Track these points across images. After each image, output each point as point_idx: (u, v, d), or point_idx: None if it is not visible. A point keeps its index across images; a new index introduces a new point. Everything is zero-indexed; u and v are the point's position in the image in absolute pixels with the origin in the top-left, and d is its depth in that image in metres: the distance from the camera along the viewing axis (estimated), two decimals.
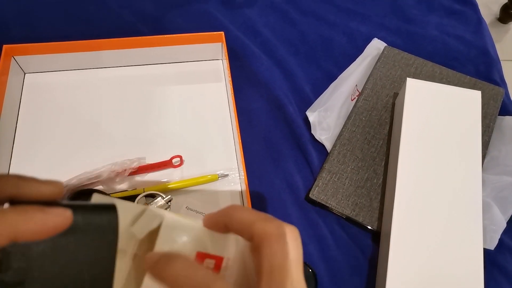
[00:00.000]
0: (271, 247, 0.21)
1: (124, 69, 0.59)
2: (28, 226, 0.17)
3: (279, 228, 0.22)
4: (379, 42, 0.65)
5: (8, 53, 0.53)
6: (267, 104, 0.58)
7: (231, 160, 0.53)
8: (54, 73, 0.58)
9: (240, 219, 0.23)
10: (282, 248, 0.21)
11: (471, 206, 0.46)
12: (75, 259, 0.20)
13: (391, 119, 0.57)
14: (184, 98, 0.57)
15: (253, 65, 0.61)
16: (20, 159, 0.51)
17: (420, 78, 0.59)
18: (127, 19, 0.64)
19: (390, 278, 0.42)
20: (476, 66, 0.65)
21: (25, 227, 0.17)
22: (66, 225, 0.18)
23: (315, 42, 0.66)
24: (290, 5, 0.69)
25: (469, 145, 0.49)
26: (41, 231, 0.18)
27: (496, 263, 0.49)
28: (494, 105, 0.58)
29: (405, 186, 0.47)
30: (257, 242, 0.22)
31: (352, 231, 0.51)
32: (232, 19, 0.66)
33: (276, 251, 0.21)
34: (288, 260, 0.21)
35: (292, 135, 0.56)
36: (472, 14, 0.72)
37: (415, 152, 0.49)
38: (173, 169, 0.52)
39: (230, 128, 0.55)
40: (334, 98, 0.59)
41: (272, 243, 0.21)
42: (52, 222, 0.18)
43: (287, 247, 0.21)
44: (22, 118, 0.54)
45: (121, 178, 0.49)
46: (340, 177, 0.52)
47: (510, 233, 0.51)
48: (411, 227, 0.45)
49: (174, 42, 0.57)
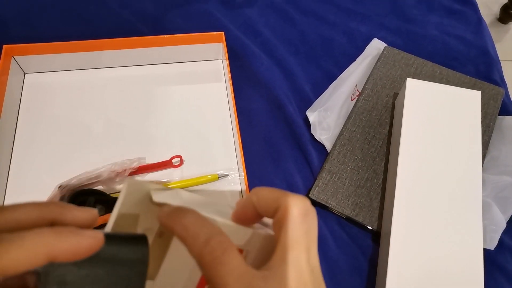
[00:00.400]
0: (294, 220, 0.22)
1: (124, 69, 0.59)
2: (64, 246, 0.18)
3: (303, 203, 0.23)
4: (379, 42, 0.65)
5: (8, 53, 0.53)
6: (267, 104, 0.58)
7: (231, 160, 0.53)
8: (54, 73, 0.58)
9: (267, 193, 0.24)
10: (304, 223, 0.22)
11: (471, 206, 0.46)
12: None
13: (391, 119, 0.57)
14: (184, 98, 0.57)
15: (253, 65, 0.61)
16: (20, 159, 0.51)
17: (420, 78, 0.59)
18: (127, 19, 0.64)
19: (390, 278, 0.42)
20: (476, 66, 0.65)
21: (61, 247, 0.18)
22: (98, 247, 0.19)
23: (315, 42, 0.66)
24: (290, 5, 0.69)
25: (469, 145, 0.49)
26: (75, 251, 0.18)
27: (496, 263, 0.49)
28: (494, 105, 0.58)
29: (405, 186, 0.47)
30: (282, 215, 0.22)
31: (352, 231, 0.51)
32: (232, 19, 0.66)
33: (299, 224, 0.22)
34: (308, 237, 0.22)
35: (292, 135, 0.56)
36: (472, 14, 0.72)
37: (415, 152, 0.49)
38: (173, 169, 0.52)
39: (230, 128, 0.55)
40: (334, 98, 0.59)
41: (296, 217, 0.22)
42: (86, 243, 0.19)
43: (308, 224, 0.22)
44: (22, 118, 0.54)
45: (121, 178, 0.49)
46: (340, 177, 0.52)
47: (510, 233, 0.51)
48: (411, 227, 0.45)
49: (174, 42, 0.57)
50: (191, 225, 0.21)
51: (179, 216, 0.22)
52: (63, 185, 0.47)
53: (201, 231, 0.21)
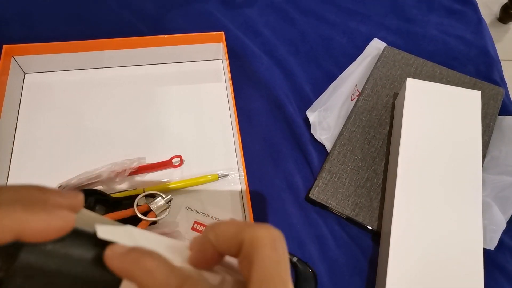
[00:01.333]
0: (264, 252, 0.19)
1: (124, 69, 0.59)
2: (32, 223, 0.17)
3: (270, 232, 0.20)
4: (379, 42, 0.65)
5: (8, 53, 0.53)
6: (267, 104, 0.58)
7: (231, 160, 0.53)
8: (54, 73, 0.58)
9: (226, 229, 0.21)
10: (275, 253, 0.20)
11: (471, 206, 0.46)
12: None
13: (391, 119, 0.57)
14: (184, 98, 0.57)
15: (253, 65, 0.61)
16: (20, 159, 0.51)
17: (420, 78, 0.59)
18: (127, 19, 0.64)
19: (390, 278, 0.42)
20: (476, 66, 0.65)
21: (29, 223, 0.17)
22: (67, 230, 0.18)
23: (315, 42, 0.65)
24: (290, 5, 0.69)
25: (469, 145, 0.49)
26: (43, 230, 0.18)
27: (496, 263, 0.49)
28: (494, 105, 0.58)
29: (405, 186, 0.47)
30: (248, 250, 0.20)
31: (352, 231, 0.51)
32: (232, 19, 0.66)
33: (270, 256, 0.19)
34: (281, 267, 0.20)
35: (292, 135, 0.56)
36: (472, 14, 0.72)
37: (415, 152, 0.49)
38: (173, 169, 0.52)
39: (230, 128, 0.55)
40: (334, 98, 0.59)
41: (265, 248, 0.20)
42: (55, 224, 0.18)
43: (278, 254, 0.20)
44: (22, 118, 0.54)
45: (121, 178, 0.49)
46: (340, 177, 0.52)
47: (510, 233, 0.51)
48: (411, 227, 0.45)
49: (174, 42, 0.57)
50: (157, 271, 0.18)
51: (140, 259, 0.19)
52: (63, 185, 0.47)
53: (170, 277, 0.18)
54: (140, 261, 0.19)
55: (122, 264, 0.19)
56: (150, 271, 0.18)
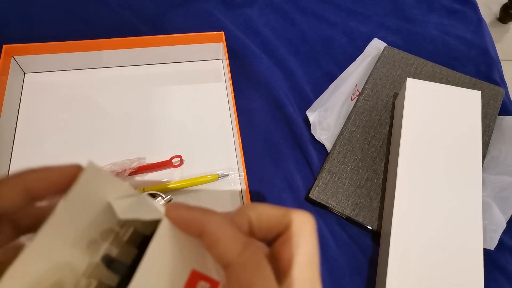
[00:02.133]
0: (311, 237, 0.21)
1: (124, 69, 0.59)
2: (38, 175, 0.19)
3: (312, 218, 0.22)
4: (379, 42, 0.65)
5: (8, 53, 0.53)
6: (267, 104, 0.58)
7: (231, 160, 0.53)
8: (54, 73, 0.58)
9: (270, 210, 0.22)
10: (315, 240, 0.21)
11: (471, 206, 0.46)
12: None
13: (391, 119, 0.57)
14: (184, 98, 0.57)
15: (253, 65, 0.61)
16: (20, 159, 0.51)
17: (420, 78, 0.59)
18: (127, 19, 0.64)
19: (390, 278, 0.42)
20: (476, 66, 0.65)
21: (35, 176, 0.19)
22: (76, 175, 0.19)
23: (315, 42, 0.65)
24: (290, 5, 0.69)
25: (469, 145, 0.49)
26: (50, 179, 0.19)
27: (496, 263, 0.49)
28: (494, 105, 0.58)
29: (405, 186, 0.47)
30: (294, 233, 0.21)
31: (352, 231, 0.51)
32: (232, 19, 0.66)
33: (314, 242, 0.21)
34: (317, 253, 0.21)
35: (292, 135, 0.56)
36: (472, 14, 0.72)
37: (415, 152, 0.49)
38: (173, 169, 0.52)
39: (230, 128, 0.55)
40: (334, 98, 0.59)
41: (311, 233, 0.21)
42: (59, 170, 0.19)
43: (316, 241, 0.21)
44: (22, 118, 0.54)
45: (121, 178, 0.49)
46: (340, 177, 0.52)
47: (510, 233, 0.51)
48: (411, 227, 0.45)
49: (174, 42, 0.57)
50: (227, 225, 0.19)
51: (209, 212, 0.20)
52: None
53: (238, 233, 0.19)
54: (210, 214, 0.19)
55: (191, 215, 0.19)
56: (220, 224, 0.19)
